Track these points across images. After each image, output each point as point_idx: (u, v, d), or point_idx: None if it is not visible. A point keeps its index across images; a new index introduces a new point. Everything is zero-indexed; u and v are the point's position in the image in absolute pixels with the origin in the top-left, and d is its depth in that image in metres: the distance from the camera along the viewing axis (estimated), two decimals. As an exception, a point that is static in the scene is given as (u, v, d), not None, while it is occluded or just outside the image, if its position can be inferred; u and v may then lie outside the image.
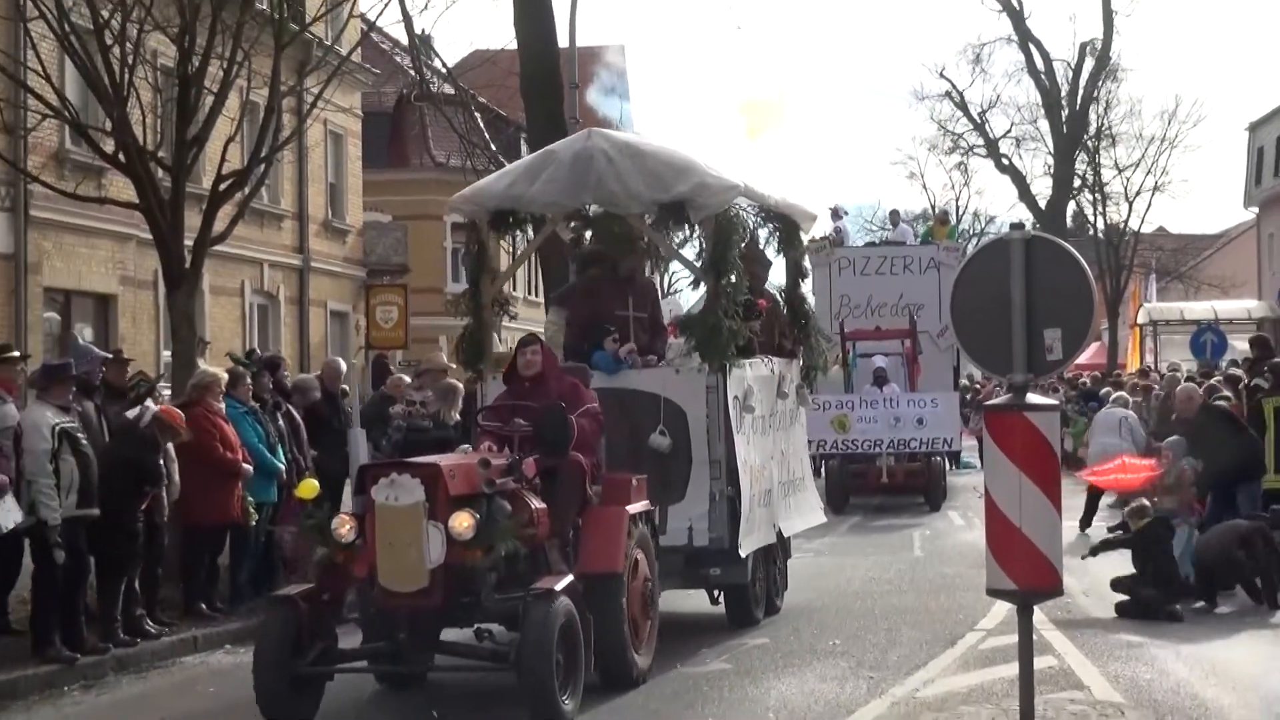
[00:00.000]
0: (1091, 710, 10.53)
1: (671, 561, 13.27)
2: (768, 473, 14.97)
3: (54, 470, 12.53)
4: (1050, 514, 9.72)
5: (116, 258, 27.96)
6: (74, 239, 26.78)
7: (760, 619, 14.69)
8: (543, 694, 10.00)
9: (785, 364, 15.97)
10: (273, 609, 11.17)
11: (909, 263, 30.22)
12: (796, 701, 11.65)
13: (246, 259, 32.30)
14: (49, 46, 18.43)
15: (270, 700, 10.43)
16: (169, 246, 17.75)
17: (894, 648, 13.88)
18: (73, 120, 18.83)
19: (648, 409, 13.79)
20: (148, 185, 17.54)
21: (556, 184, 14.12)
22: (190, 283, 18.33)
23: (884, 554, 21.61)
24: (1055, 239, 10.85)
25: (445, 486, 10.40)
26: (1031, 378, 9.93)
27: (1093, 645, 13.66)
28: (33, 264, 25.81)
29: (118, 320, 28.31)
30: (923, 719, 10.57)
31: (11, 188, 24.87)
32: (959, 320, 10.39)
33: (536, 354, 12.37)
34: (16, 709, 11.67)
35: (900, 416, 26.78)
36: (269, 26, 19.07)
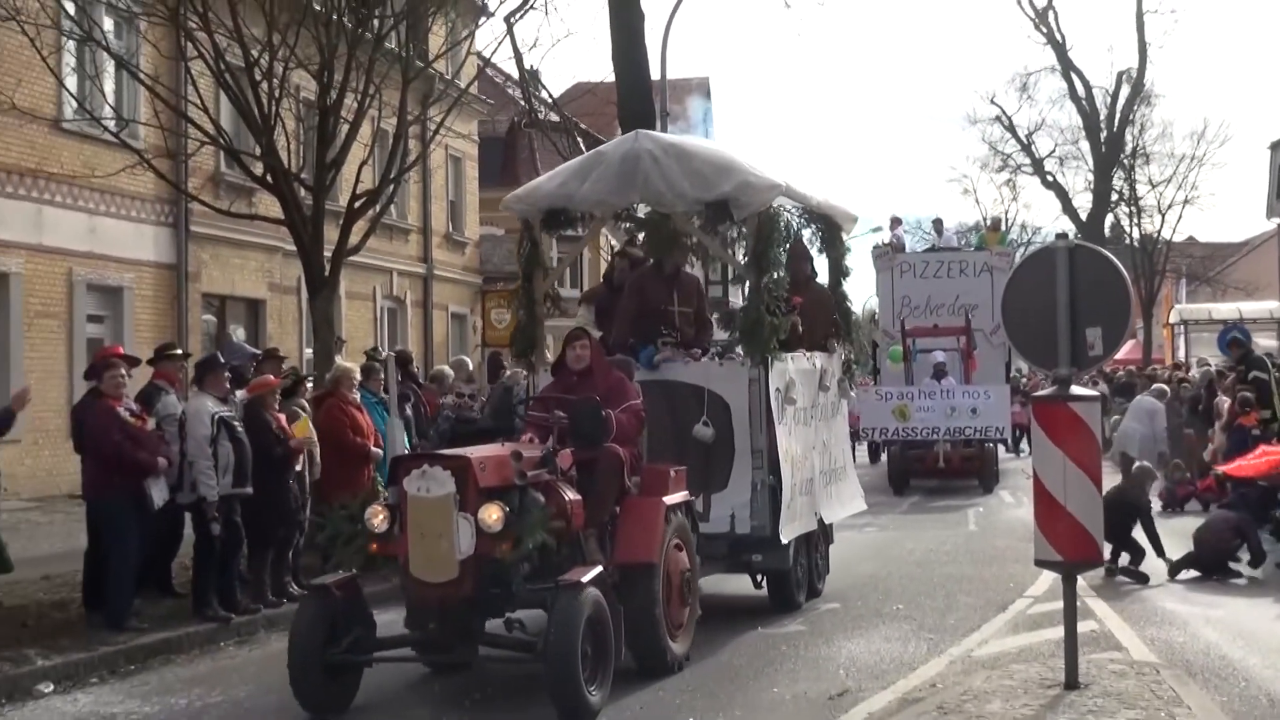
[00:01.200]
0: (1129, 669, 10.43)
1: (715, 548, 12.65)
2: (809, 462, 14.02)
3: (213, 453, 12.69)
4: (1092, 492, 9.71)
5: (265, 267, 28.31)
6: (228, 251, 27.14)
7: (802, 603, 13.83)
8: (568, 685, 9.13)
9: (827, 358, 15.00)
10: (306, 599, 10.43)
11: (964, 267, 29.98)
12: (864, 659, 11.64)
13: (377, 268, 32.56)
14: (207, 83, 18.63)
15: (305, 689, 9.65)
16: (310, 257, 17.93)
17: (951, 612, 13.85)
18: (227, 147, 19.02)
19: (692, 400, 12.96)
20: (292, 203, 17.71)
21: (605, 183, 13.29)
22: (329, 289, 18.51)
23: (941, 529, 21.52)
24: (1096, 247, 10.78)
25: (475, 478, 9.52)
26: (1075, 371, 9.91)
27: (1130, 612, 13.58)
28: (192, 273, 26.19)
29: (266, 322, 28.67)
30: (977, 676, 10.50)
31: (174, 206, 25.28)
32: (1010, 319, 10.36)
33: (585, 348, 11.54)
34: (180, 661, 11.84)
35: (956, 406, 26.58)
36: (397, 63, 19.18)
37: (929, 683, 10.59)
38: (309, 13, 17.89)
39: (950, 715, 9.09)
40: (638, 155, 13.07)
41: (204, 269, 26.58)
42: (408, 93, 19.38)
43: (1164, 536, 15.98)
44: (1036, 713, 9.07)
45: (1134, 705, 9.17)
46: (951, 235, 35.71)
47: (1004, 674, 10.45)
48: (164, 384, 13.59)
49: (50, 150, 22.62)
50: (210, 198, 22.69)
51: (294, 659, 9.63)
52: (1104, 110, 57.26)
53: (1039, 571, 13.13)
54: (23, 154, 22.11)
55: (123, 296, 24.75)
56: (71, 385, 20.88)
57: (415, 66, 19.76)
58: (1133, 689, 9.68)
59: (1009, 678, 10.27)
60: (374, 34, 18.61)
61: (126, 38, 22.59)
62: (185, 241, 26.01)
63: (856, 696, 10.25)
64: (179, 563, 13.97)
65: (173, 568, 13.91)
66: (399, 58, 19.28)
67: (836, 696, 10.28)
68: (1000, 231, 34.84)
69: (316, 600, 9.99)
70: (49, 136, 22.64)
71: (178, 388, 13.76)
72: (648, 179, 13.00)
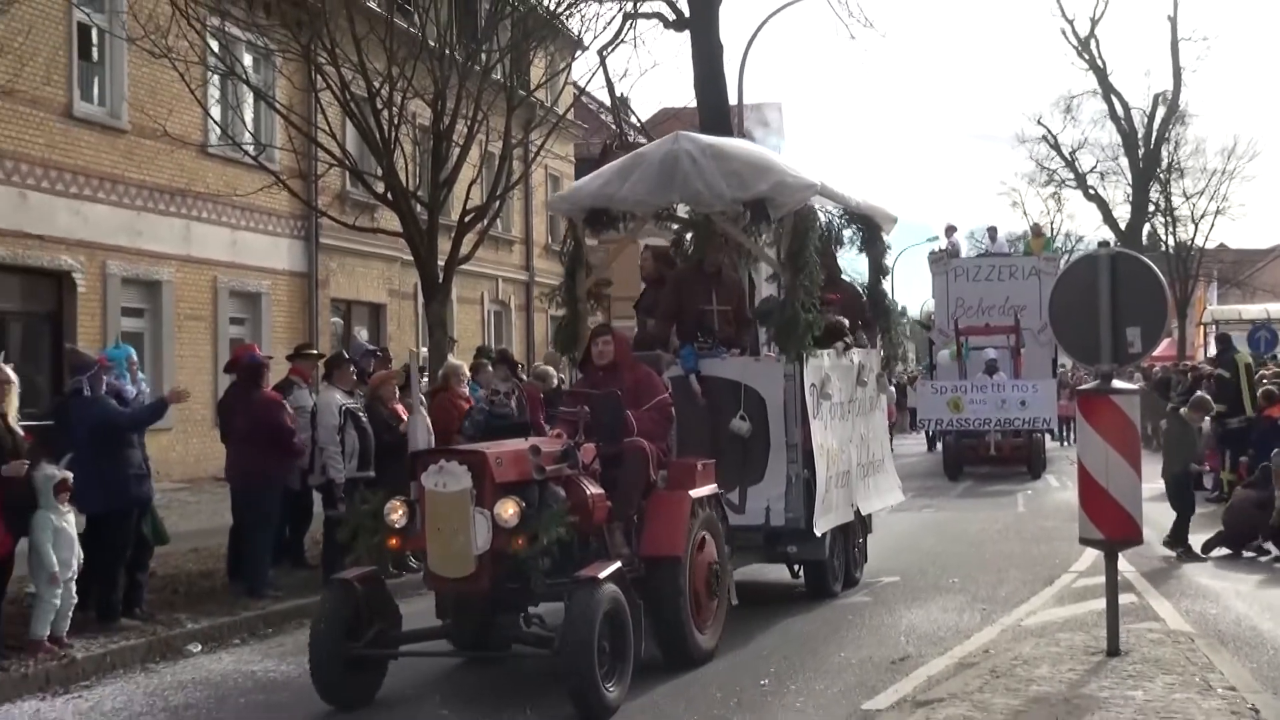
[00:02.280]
0: (1166, 638, 10.30)
1: (751, 538, 11.86)
2: (846, 455, 12.94)
3: (340, 440, 12.82)
4: (1132, 477, 9.61)
5: (385, 274, 28.55)
6: (353, 260, 27.40)
7: (838, 592, 12.91)
8: (584, 681, 8.14)
9: (865, 353, 13.87)
10: (328, 592, 9.33)
11: (1014, 271, 29.60)
12: (923, 627, 11.57)
13: (485, 275, 32.76)
14: (334, 111, 18.82)
15: (325, 683, 8.73)
16: (426, 266, 18.05)
17: (1002, 585, 13.74)
18: (352, 168, 19.18)
19: (729, 395, 11.96)
20: (409, 218, 17.83)
21: (645, 184, 12.25)
22: (442, 294, 18.62)
23: (993, 511, 21.37)
24: (1135, 254, 10.68)
25: (491, 474, 8.58)
26: (1116, 367, 9.80)
27: (1167, 586, 13.43)
28: (322, 280, 26.48)
29: (387, 323, 28.94)
30: (1026, 643, 10.41)
31: (306, 221, 25.56)
32: (1056, 319, 10.27)
33: (609, 344, 10.64)
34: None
35: (1006, 399, 26.32)
36: (503, 93, 19.30)
37: (982, 649, 10.49)
38: (424, 48, 18.03)
39: (1002, 679, 9.02)
40: (677, 156, 12.11)
41: (332, 276, 26.87)
42: (512, 119, 19.50)
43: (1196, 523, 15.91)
44: (1081, 677, 8.98)
45: (1171, 670, 9.07)
46: (1004, 242, 35.30)
47: (1051, 641, 10.36)
48: (298, 379, 13.79)
49: (197, 172, 22.96)
50: (337, 213, 22.91)
51: (314, 653, 8.74)
52: (1141, 129, 56.56)
53: (1082, 549, 13.03)
54: (174, 176, 22.45)
55: (261, 301, 25.07)
56: (216, 380, 21.16)
57: (519, 95, 19.89)
58: (1169, 656, 9.58)
59: (1055, 645, 10.19)
60: (482, 67, 18.71)
61: (264, 72, 22.87)
62: (315, 252, 26.30)
63: (916, 661, 10.19)
64: (310, 537, 14.18)
65: (304, 542, 14.12)
66: (504, 88, 19.40)
67: (898, 661, 10.22)
68: (1044, 237, 34.35)
69: (338, 594, 9.00)
70: (196, 160, 22.96)
71: (309, 382, 13.96)
72: (686, 179, 12.05)
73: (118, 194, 21.39)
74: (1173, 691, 8.45)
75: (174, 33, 17.14)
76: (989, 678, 9.07)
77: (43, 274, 20.14)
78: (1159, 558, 15.20)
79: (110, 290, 21.20)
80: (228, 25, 20.34)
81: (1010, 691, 8.62)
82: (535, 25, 20.01)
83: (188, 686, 9.62)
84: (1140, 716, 7.86)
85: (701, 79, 23.92)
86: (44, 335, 20.11)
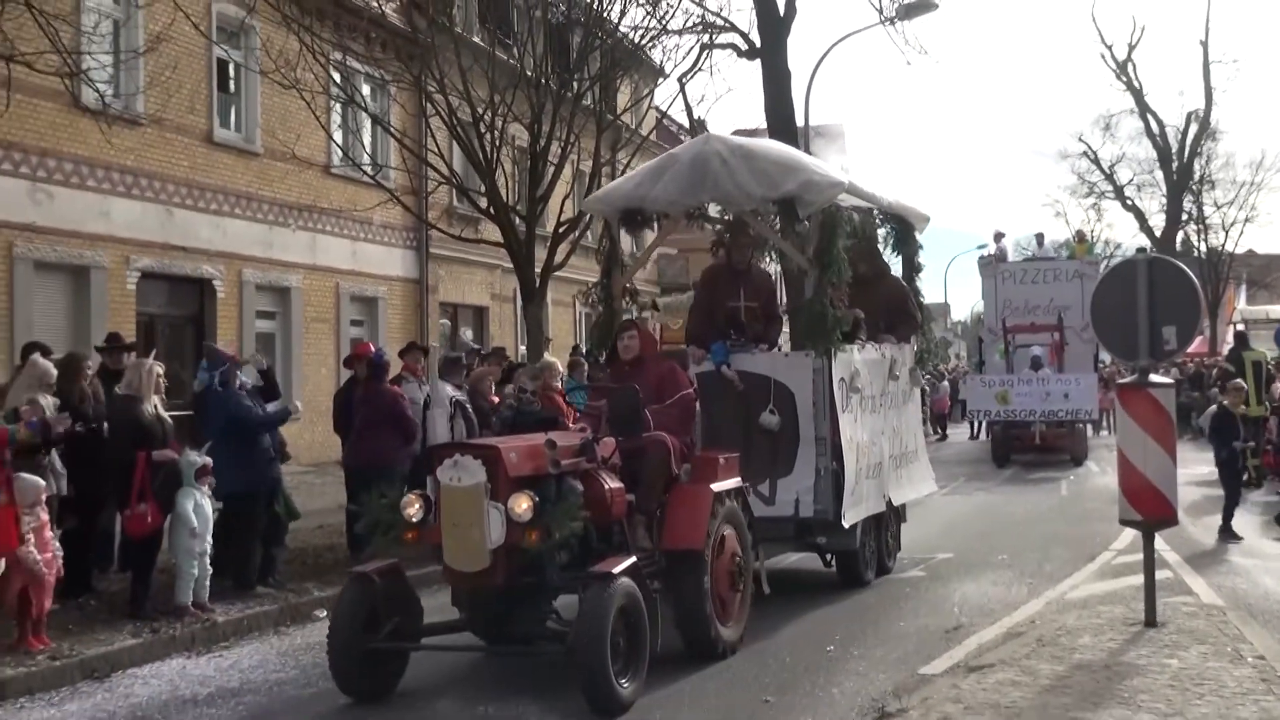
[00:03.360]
0: (1200, 611, 10.13)
1: (782, 529, 10.99)
2: (877, 447, 11.98)
3: (450, 429, 12.89)
4: (1167, 463, 9.45)
5: (487, 280, 28.69)
6: (459, 268, 27.56)
7: (870, 580, 12.07)
8: (597, 677, 7.37)
9: (897, 349, 12.87)
10: (347, 586, 8.41)
11: (1058, 274, 29.09)
12: (974, 599, 11.46)
13: (577, 280, 32.55)
14: (442, 135, 18.94)
15: (344, 675, 8.00)
16: (524, 272, 18.14)
17: (1047, 562, 13.57)
18: (458, 185, 19.36)
19: (759, 390, 10.99)
20: (509, 230, 17.94)
21: (677, 184, 11.35)
22: (538, 298, 18.73)
23: (1038, 494, 21.13)
24: (1170, 259, 10.48)
25: (505, 468, 7.80)
26: (1153, 363, 9.66)
27: (1200, 563, 13.20)
28: (431, 285, 26.66)
29: (489, 324, 29.07)
30: (1070, 615, 10.28)
31: (417, 233, 25.75)
32: (1097, 319, 10.13)
33: (634, 339, 9.93)
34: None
35: (1050, 392, 25.94)
36: (592, 117, 19.33)
37: (1029, 620, 10.39)
38: (523, 77, 18.13)
39: (1047, 647, 8.91)
40: (707, 157, 11.20)
41: (440, 282, 27.04)
42: (600, 140, 19.50)
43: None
44: (1121, 646, 8.85)
45: (1204, 641, 8.91)
46: (1049, 247, 34.82)
47: (1092, 613, 10.22)
48: (408, 374, 13.91)
49: (322, 190, 23.21)
50: (445, 226, 23.05)
51: (333, 645, 8.01)
52: (1175, 145, 55.71)
53: (1122, 529, 12.85)
54: (301, 193, 22.71)
55: (377, 304, 25.29)
56: (338, 376, 21.40)
57: (607, 119, 19.90)
58: (1203, 627, 9.40)
59: (1097, 616, 10.05)
60: (574, 94, 18.77)
61: (380, 100, 23.06)
62: (426, 261, 26.49)
63: (969, 630, 10.10)
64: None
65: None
66: (594, 113, 19.42)
67: (952, 630, 10.14)
68: (1087, 243, 33.83)
69: (356, 587, 8.19)
70: (321, 179, 23.22)
71: (418, 376, 14.06)
72: (717, 179, 11.16)
73: (252, 210, 21.68)
74: (1206, 660, 8.30)
75: (301, 66, 17.35)
76: (1035, 646, 8.97)
77: (187, 281, 20.46)
78: (1193, 538, 14.93)
79: (246, 295, 21.48)
80: (348, 59, 20.56)
81: (1055, 659, 8.52)
82: (621, 56, 20.05)
83: (315, 648, 9.56)
84: (1175, 683, 7.73)
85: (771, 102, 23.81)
86: (188, 336, 20.42)
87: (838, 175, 11.48)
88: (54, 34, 11.81)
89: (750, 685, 8.39)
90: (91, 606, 10.64)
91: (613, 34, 19.59)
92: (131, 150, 18.86)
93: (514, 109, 18.10)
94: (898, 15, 26.98)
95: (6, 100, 13.14)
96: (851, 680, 8.57)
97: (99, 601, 10.83)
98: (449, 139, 18.96)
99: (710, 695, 8.13)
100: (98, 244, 18.34)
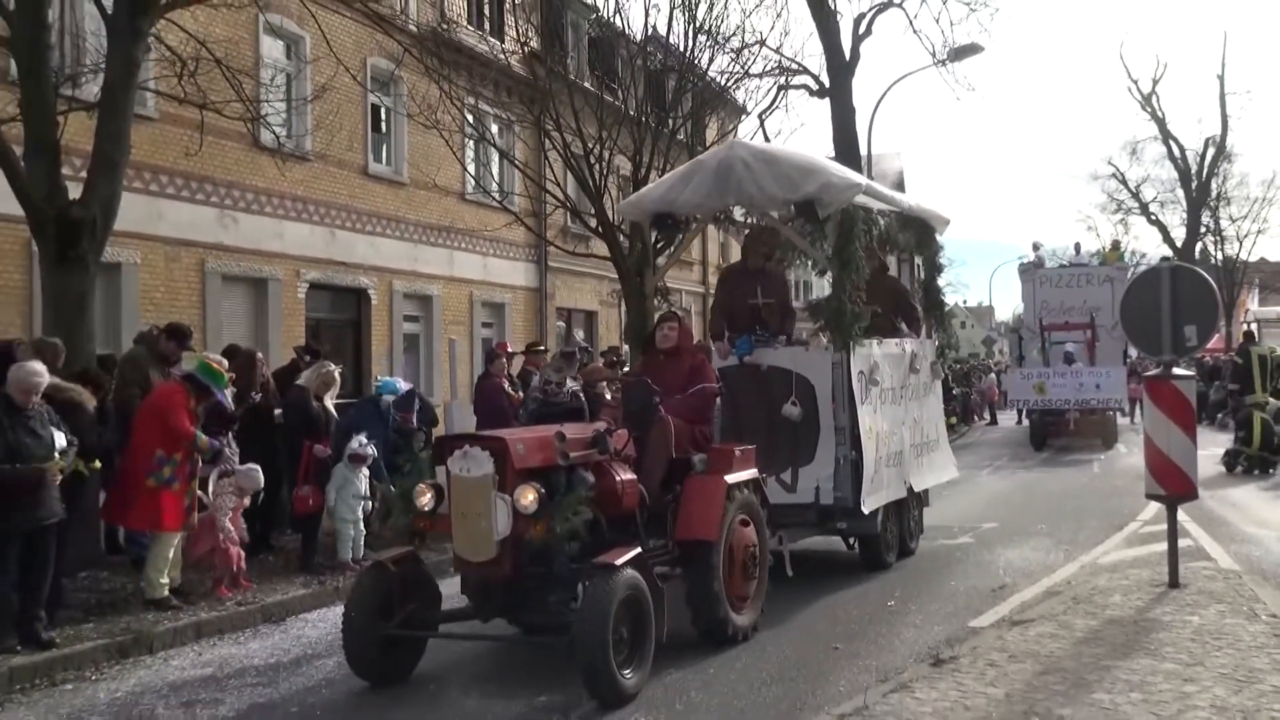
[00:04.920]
0: (1218, 574, 9.86)
1: (804, 515, 10.06)
2: (897, 437, 10.93)
3: None
4: (1189, 445, 9.26)
5: (596, 289, 28.77)
6: (572, 278, 27.70)
7: (892, 563, 11.04)
8: (597, 667, 6.45)
9: (918, 343, 11.78)
10: (363, 574, 7.62)
11: (1090, 278, 28.36)
12: (1017, 563, 11.27)
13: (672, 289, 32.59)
14: (559, 166, 19.07)
15: (358, 660, 7.15)
16: (627, 281, 18.19)
17: (1081, 531, 13.29)
18: (571, 208, 19.44)
19: (782, 382, 10.12)
20: (615, 246, 17.99)
21: (703, 188, 10.38)
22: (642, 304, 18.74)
23: (1073, 472, 20.69)
24: (1191, 266, 10.20)
25: (512, 460, 6.92)
26: (1175, 358, 9.42)
27: (1218, 532, 12.82)
28: (549, 293, 26.81)
29: (598, 327, 29.17)
30: (1101, 577, 10.07)
31: (537, 249, 25.90)
32: (1126, 319, 9.90)
33: (673, 329, 8.93)
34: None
35: (1083, 383, 25.36)
36: (685, 149, 19.30)
37: (1065, 581, 10.20)
38: (626, 116, 18.18)
39: (1082, 604, 8.74)
40: (731, 162, 10.24)
41: (556, 290, 27.19)
42: (692, 169, 19.48)
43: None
44: (1147, 604, 8.65)
45: (1222, 600, 8.67)
46: (1085, 255, 34.05)
47: (1122, 576, 10.01)
48: (532, 369, 14.00)
49: (458, 213, 23.46)
50: (560, 242, 23.20)
51: (347, 632, 7.18)
52: (1194, 166, 54.30)
53: (1148, 502, 12.54)
54: (440, 216, 22.99)
55: (504, 309, 25.52)
56: (472, 370, 21.65)
57: (697, 151, 19.85)
58: (1221, 589, 9.15)
59: (1125, 578, 9.84)
60: (669, 130, 18.77)
61: (506, 137, 23.26)
62: (544, 272, 26.66)
63: (1011, 589, 9.95)
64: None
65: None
66: (686, 145, 19.40)
67: (997, 589, 9.99)
68: (1119, 250, 32.95)
69: (371, 575, 7.35)
70: (457, 204, 23.47)
71: (539, 370, 14.14)
72: (740, 183, 10.19)
73: (400, 231, 21.99)
74: (1224, 617, 8.08)
75: (441, 109, 17.60)
76: (1071, 603, 8.81)
77: (347, 291, 20.81)
78: (1212, 511, 14.52)
79: (395, 303, 21.81)
80: (480, 103, 20.76)
81: (1089, 615, 8.35)
82: (710, 97, 20.03)
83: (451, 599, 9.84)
84: (1196, 637, 7.54)
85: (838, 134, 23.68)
86: (347, 337, 20.77)
87: (854, 177, 10.62)
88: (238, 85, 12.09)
89: (821, 636, 8.35)
90: (270, 562, 10.90)
91: (702, 78, 19.56)
92: (301, 181, 19.24)
93: (619, 143, 18.16)
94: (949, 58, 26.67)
95: (200, 141, 13.48)
96: (910, 631, 8.48)
97: (275, 558, 11.10)
98: (564, 169, 19.06)
99: (785, 645, 8.10)
100: (274, 260, 18.74)
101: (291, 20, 18.03)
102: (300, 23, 17.77)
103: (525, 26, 20.55)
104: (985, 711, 5.99)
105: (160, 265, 16.64)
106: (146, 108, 14.93)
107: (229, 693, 7.21)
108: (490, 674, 7.57)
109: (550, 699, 6.81)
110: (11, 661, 7.44)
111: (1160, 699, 6.15)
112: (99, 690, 7.31)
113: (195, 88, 11.63)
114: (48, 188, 9.94)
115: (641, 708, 6.63)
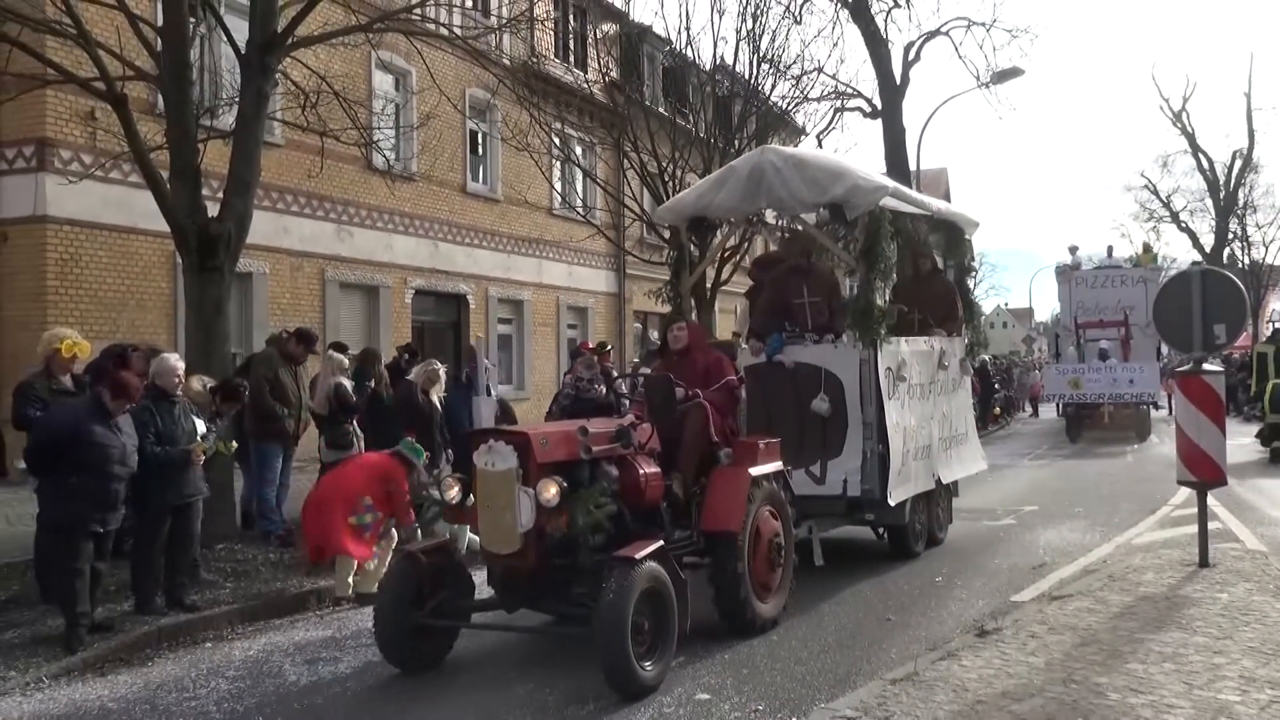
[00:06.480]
0: (1245, 555, 9.57)
1: (833, 506, 9.48)
2: (925, 431, 10.19)
3: None
4: (1218, 436, 8.97)
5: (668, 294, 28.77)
6: (648, 284, 27.59)
7: (920, 552, 10.31)
8: (616, 659, 5.89)
9: (947, 341, 10.94)
10: (395, 564, 7.08)
11: (1124, 279, 27.63)
12: (1056, 544, 11.04)
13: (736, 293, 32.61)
14: (636, 184, 19.11)
15: (390, 649, 6.63)
16: (697, 287, 18.14)
17: (1116, 514, 12.98)
18: (648, 221, 19.46)
19: (811, 378, 9.51)
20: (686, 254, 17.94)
21: (736, 193, 9.83)
22: (709, 307, 18.72)
23: (1108, 461, 20.21)
24: (1220, 270, 9.92)
25: (535, 454, 6.40)
26: (1205, 355, 9.16)
27: (1246, 516, 12.45)
28: (627, 298, 26.89)
29: (671, 327, 29.16)
30: (1135, 556, 9.83)
31: (616, 258, 25.99)
32: (1159, 317, 9.63)
33: (683, 330, 8.32)
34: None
35: (1117, 378, 24.73)
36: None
37: (1102, 560, 9.98)
38: (696, 138, 18.15)
39: (1117, 582, 8.53)
40: (763, 167, 9.69)
41: (633, 295, 27.26)
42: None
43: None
44: (1179, 582, 8.42)
45: (1249, 579, 8.42)
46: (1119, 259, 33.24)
47: (1155, 555, 9.76)
48: (610, 365, 14.04)
49: (546, 227, 23.65)
50: (637, 252, 23.27)
51: (377, 620, 6.67)
52: (1222, 178, 52.78)
53: (1179, 488, 12.22)
54: (530, 229, 23.19)
55: (587, 313, 25.66)
56: (558, 366, 21.80)
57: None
58: (1248, 568, 8.89)
59: (1158, 558, 9.58)
60: (735, 150, 18.70)
61: (588, 157, 23.38)
62: (623, 279, 26.74)
63: (1051, 567, 9.75)
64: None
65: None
66: (736, 161, 19.34)
67: (1038, 567, 9.79)
68: (1151, 253, 32.06)
69: (403, 566, 6.82)
70: (545, 218, 23.66)
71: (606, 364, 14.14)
72: (771, 187, 9.64)
73: (495, 242, 22.22)
74: (1251, 595, 7.85)
75: (531, 134, 17.72)
76: (1107, 581, 8.60)
77: (448, 296, 21.09)
78: (1240, 496, 14.09)
79: (490, 307, 22.04)
80: (565, 127, 20.88)
81: (1123, 591, 8.16)
82: (772, 120, 19.91)
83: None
84: (1225, 613, 7.32)
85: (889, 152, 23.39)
86: (449, 338, 21.05)
87: (881, 180, 9.94)
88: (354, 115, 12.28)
89: (875, 609, 8.26)
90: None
91: (765, 103, 19.46)
92: (408, 199, 19.52)
93: (690, 162, 18.16)
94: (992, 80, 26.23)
95: (320, 164, 13.75)
96: (956, 605, 8.36)
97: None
98: (640, 186, 19.11)
99: (842, 616, 8.03)
100: (384, 269, 19.03)
101: (400, 57, 18.30)
102: (408, 58, 18.03)
103: (606, 59, 20.62)
104: (1027, 679, 5.88)
105: (286, 274, 17.00)
106: (274, 135, 15.27)
107: (346, 652, 7.34)
108: (516, 662, 6.98)
109: (575, 687, 6.19)
110: (160, 622, 7.65)
111: (1191, 669, 5.99)
112: (234, 649, 7.48)
113: (316, 117, 11.84)
114: (190, 207, 10.20)
115: (715, 669, 6.54)
